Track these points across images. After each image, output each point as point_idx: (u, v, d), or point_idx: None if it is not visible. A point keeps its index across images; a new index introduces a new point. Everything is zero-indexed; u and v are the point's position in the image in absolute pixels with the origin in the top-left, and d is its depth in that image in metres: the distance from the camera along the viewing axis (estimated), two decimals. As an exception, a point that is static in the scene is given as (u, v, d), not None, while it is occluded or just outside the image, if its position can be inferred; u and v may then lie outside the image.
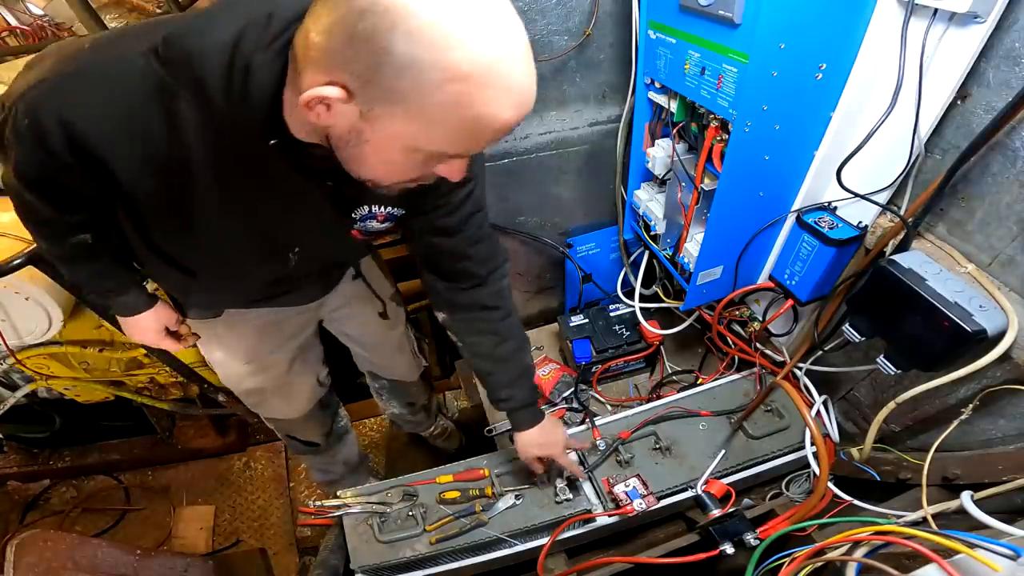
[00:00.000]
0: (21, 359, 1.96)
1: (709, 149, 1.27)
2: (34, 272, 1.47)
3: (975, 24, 0.92)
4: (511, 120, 0.59)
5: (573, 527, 1.41)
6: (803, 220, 1.30)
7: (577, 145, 1.83)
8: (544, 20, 1.53)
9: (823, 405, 1.53)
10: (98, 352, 2.01)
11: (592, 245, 2.11)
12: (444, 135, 0.59)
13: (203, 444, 2.71)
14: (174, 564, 1.63)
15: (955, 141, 1.07)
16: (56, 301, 1.77)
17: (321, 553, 1.46)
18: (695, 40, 1.20)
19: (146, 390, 2.24)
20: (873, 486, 1.38)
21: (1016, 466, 1.09)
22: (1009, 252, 1.03)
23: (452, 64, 0.52)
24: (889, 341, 1.14)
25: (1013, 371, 1.05)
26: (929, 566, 0.69)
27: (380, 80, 0.54)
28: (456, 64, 0.52)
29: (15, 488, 2.69)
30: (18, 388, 2.18)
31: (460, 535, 1.36)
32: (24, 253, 1.41)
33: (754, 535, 1.23)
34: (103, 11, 3.34)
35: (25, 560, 1.38)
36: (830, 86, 1.14)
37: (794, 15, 1.00)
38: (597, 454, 1.52)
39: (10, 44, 3.55)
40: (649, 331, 1.91)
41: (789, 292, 1.44)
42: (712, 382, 1.76)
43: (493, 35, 0.53)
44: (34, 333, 1.83)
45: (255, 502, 2.58)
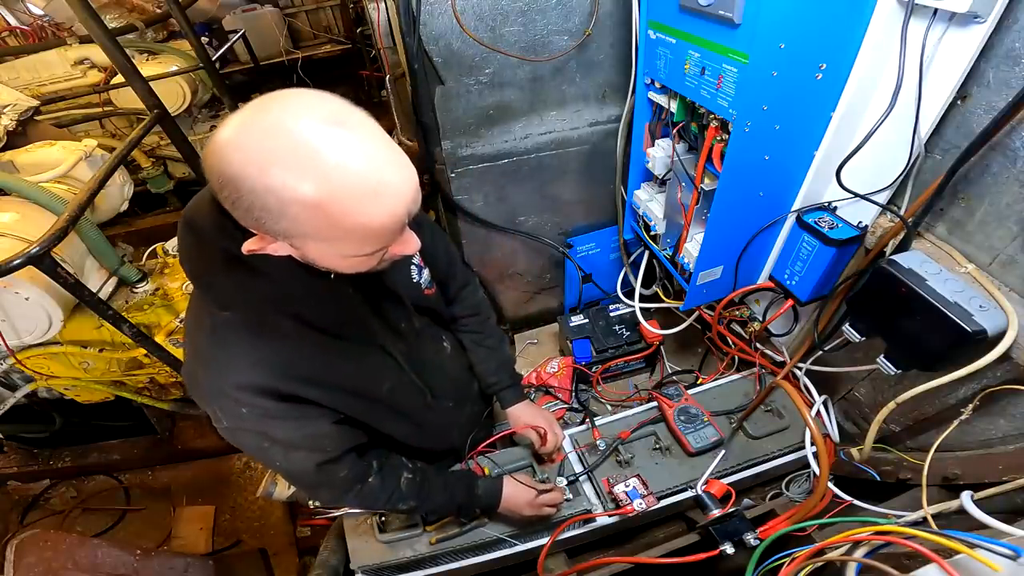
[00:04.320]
0: (21, 359, 1.96)
1: (709, 149, 1.27)
2: (34, 272, 1.47)
3: (975, 24, 0.92)
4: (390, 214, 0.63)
5: (573, 527, 1.41)
6: (803, 220, 1.30)
7: (577, 145, 1.83)
8: (544, 20, 1.53)
9: (823, 405, 1.53)
10: (98, 352, 2.01)
11: (592, 245, 2.11)
12: (351, 245, 0.66)
13: (203, 444, 2.71)
14: (174, 564, 1.63)
15: (955, 141, 1.07)
16: (56, 301, 1.77)
17: (321, 553, 1.46)
18: (695, 40, 1.20)
19: (146, 390, 2.24)
20: (873, 486, 1.38)
21: (1016, 466, 1.09)
22: (1009, 252, 1.03)
23: (308, 204, 0.58)
24: (889, 341, 1.14)
25: (1013, 371, 1.04)
26: (929, 566, 0.69)
27: (270, 226, 0.62)
28: (311, 203, 0.58)
29: (15, 488, 2.70)
30: (18, 388, 2.18)
31: (460, 535, 1.36)
32: (24, 253, 1.41)
33: (754, 535, 1.23)
34: (103, 11, 3.34)
35: (25, 560, 1.38)
36: (830, 86, 1.14)
37: (794, 15, 1.00)
38: (597, 454, 1.52)
39: (10, 44, 3.56)
40: (649, 331, 1.92)
41: (789, 292, 1.44)
42: (712, 382, 1.76)
43: (331, 161, 0.57)
44: (34, 333, 1.83)
45: (255, 502, 2.57)
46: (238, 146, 0.57)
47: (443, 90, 1.60)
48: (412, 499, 1.10)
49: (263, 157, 0.57)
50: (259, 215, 0.60)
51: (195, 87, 3.54)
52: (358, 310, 0.90)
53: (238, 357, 0.79)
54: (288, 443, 0.88)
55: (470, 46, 1.52)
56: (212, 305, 0.80)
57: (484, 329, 1.38)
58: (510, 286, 2.25)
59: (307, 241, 0.65)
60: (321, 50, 5.15)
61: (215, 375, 0.81)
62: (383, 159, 0.62)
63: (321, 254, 0.68)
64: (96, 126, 3.55)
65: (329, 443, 0.93)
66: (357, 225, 0.62)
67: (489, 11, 1.48)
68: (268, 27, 4.79)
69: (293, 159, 0.57)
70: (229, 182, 0.58)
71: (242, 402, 0.80)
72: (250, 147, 0.57)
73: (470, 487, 1.23)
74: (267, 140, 0.57)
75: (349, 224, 0.62)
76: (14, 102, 2.05)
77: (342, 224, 0.61)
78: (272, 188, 0.57)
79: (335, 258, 0.69)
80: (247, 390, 0.80)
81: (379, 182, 0.61)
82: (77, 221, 1.58)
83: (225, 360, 0.80)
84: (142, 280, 2.07)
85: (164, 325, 2.00)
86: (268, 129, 0.57)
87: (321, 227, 0.62)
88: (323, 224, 0.61)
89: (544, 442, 1.40)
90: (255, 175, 0.57)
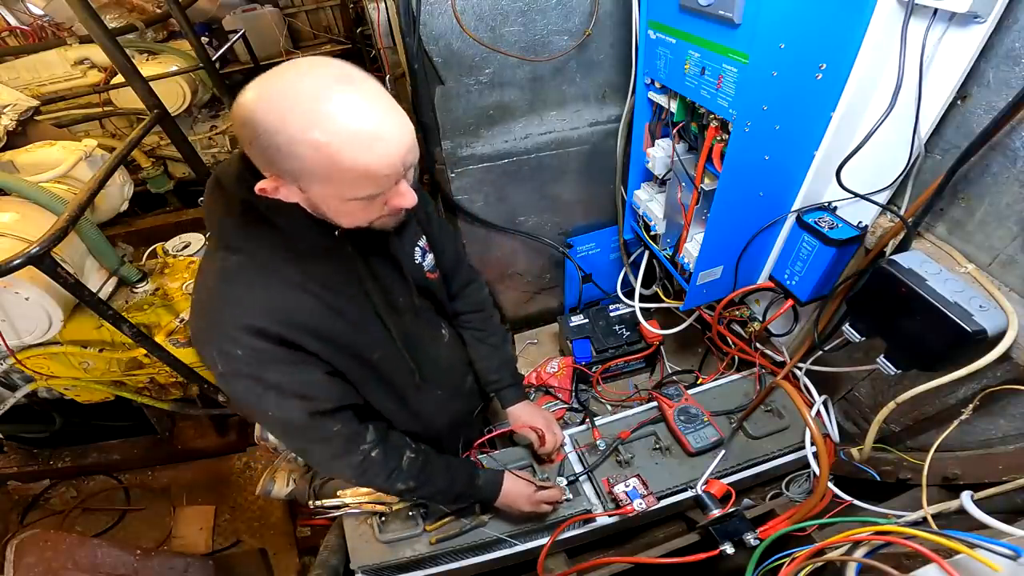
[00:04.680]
0: (21, 359, 1.96)
1: (709, 149, 1.27)
2: (34, 272, 1.47)
3: (975, 24, 0.92)
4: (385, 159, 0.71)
5: (573, 527, 1.41)
6: (803, 220, 1.30)
7: (577, 145, 1.83)
8: (544, 20, 1.53)
9: (823, 405, 1.53)
10: (98, 352, 2.01)
11: (592, 245, 2.11)
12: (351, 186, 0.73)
13: (203, 444, 2.71)
14: (174, 564, 1.64)
15: (955, 141, 1.07)
16: (56, 301, 1.77)
17: (321, 553, 1.46)
18: (695, 40, 1.20)
19: (146, 390, 2.24)
20: (873, 486, 1.38)
21: (1016, 466, 1.09)
22: (1009, 252, 1.03)
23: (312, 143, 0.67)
24: (889, 341, 1.14)
25: (1013, 371, 1.04)
26: (929, 566, 0.69)
27: (281, 165, 0.70)
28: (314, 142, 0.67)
29: (15, 488, 2.70)
30: (18, 388, 2.18)
31: (460, 535, 1.36)
32: (24, 253, 1.41)
33: (754, 535, 1.23)
34: (103, 11, 3.34)
35: (25, 560, 1.38)
36: (830, 86, 1.14)
37: (794, 15, 1.00)
38: (597, 454, 1.52)
39: (10, 44, 3.56)
40: (649, 331, 1.92)
41: (789, 292, 1.44)
42: (712, 382, 1.76)
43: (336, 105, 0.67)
44: (34, 333, 1.83)
45: (255, 502, 2.57)
46: (259, 94, 0.67)
47: (443, 90, 1.60)
48: (412, 479, 1.09)
49: (279, 104, 0.66)
50: (272, 155, 0.69)
51: (195, 87, 3.54)
52: (359, 272, 0.94)
53: (243, 297, 0.84)
54: (281, 389, 0.89)
55: (470, 46, 1.52)
56: (224, 250, 0.85)
57: (487, 327, 1.39)
58: (510, 286, 2.25)
59: (312, 183, 0.72)
60: (321, 50, 5.15)
61: (218, 314, 0.85)
62: (382, 111, 0.70)
63: (324, 196, 0.75)
64: (96, 126, 3.55)
65: (322, 392, 0.94)
66: (356, 166, 0.69)
67: (489, 11, 1.48)
68: (268, 27, 4.79)
69: (304, 106, 0.66)
70: (248, 124, 0.68)
71: (240, 342, 0.83)
72: (269, 95, 0.67)
73: (471, 476, 1.23)
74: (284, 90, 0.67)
75: (348, 165, 0.69)
76: (14, 102, 2.05)
77: (341, 165, 0.69)
78: (284, 130, 0.66)
79: (336, 201, 0.75)
80: (246, 330, 0.83)
81: (377, 128, 0.69)
82: (77, 221, 1.57)
83: (229, 299, 0.84)
84: (142, 280, 2.07)
85: (164, 325, 2.00)
86: (285, 82, 0.68)
87: (324, 168, 0.69)
88: (326, 164, 0.68)
89: (543, 442, 1.40)
90: (272, 119, 0.66)
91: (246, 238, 0.84)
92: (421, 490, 1.13)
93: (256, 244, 0.84)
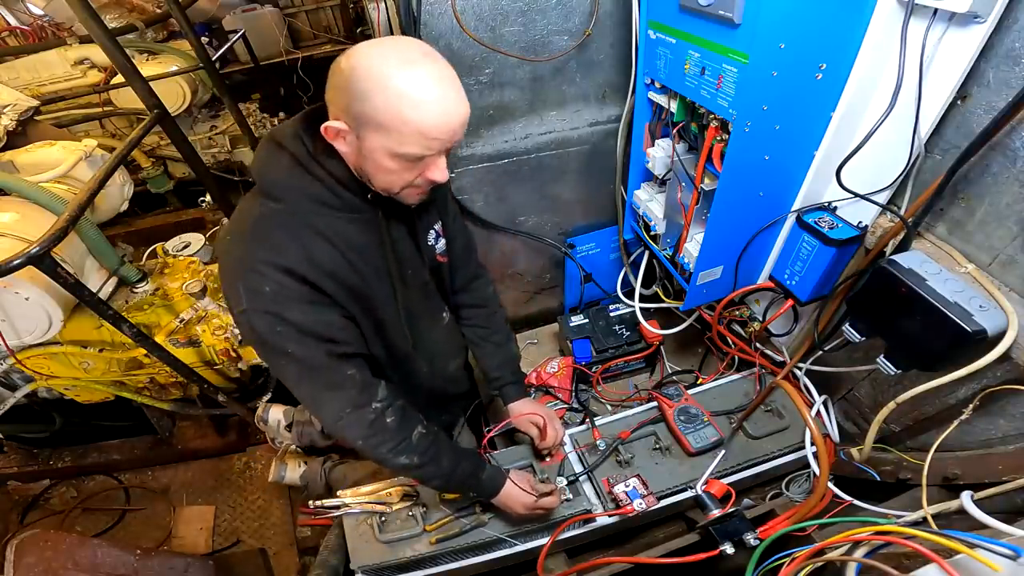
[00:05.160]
0: (21, 359, 1.96)
1: (709, 149, 1.27)
2: (34, 272, 1.47)
3: (975, 24, 0.92)
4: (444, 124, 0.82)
5: (573, 527, 1.41)
6: (803, 220, 1.30)
7: (577, 145, 1.83)
8: (544, 20, 1.53)
9: (823, 405, 1.53)
10: (98, 352, 2.01)
11: (592, 245, 2.11)
12: (402, 139, 0.82)
13: (203, 444, 2.71)
14: (174, 564, 1.63)
15: (955, 141, 1.07)
16: (56, 301, 1.77)
17: (321, 553, 1.46)
18: (695, 40, 1.20)
19: (146, 390, 2.24)
20: (873, 486, 1.38)
21: (1016, 466, 1.09)
22: (1009, 252, 1.03)
23: (389, 89, 0.78)
24: (889, 341, 1.14)
25: (1013, 371, 1.04)
26: (929, 566, 0.69)
27: (352, 109, 0.81)
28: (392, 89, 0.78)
29: (15, 488, 2.69)
30: (18, 388, 2.18)
31: (460, 535, 1.36)
32: (24, 253, 1.41)
33: (754, 535, 1.23)
34: (103, 11, 3.35)
35: (25, 560, 1.38)
36: (830, 86, 1.14)
37: (794, 15, 1.00)
38: (597, 454, 1.52)
39: (10, 44, 3.56)
40: (649, 331, 1.92)
41: (789, 292, 1.44)
42: (712, 382, 1.76)
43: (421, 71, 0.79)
44: (34, 333, 1.83)
45: (255, 502, 2.58)
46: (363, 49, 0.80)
47: (443, 90, 1.60)
48: (418, 455, 1.09)
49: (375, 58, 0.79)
50: (351, 97, 0.80)
51: (195, 87, 3.55)
52: (381, 236, 1.01)
53: (276, 239, 0.91)
54: (301, 326, 0.93)
55: (470, 46, 1.52)
56: (264, 197, 0.94)
57: (491, 324, 1.42)
58: (510, 286, 2.25)
59: (370, 131, 0.82)
60: (321, 50, 5.14)
61: (250, 250, 0.91)
62: (451, 85, 0.82)
63: (374, 148, 0.83)
64: (96, 126, 3.56)
65: (339, 334, 0.99)
66: (416, 119, 0.79)
67: (489, 11, 1.48)
68: (268, 27, 4.79)
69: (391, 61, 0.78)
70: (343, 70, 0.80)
71: (267, 277, 0.89)
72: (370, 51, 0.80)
73: (476, 467, 1.23)
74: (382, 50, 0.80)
75: (410, 117, 0.79)
76: (14, 102, 2.05)
77: (404, 115, 0.79)
78: (369, 77, 0.78)
79: (383, 154, 0.84)
80: (275, 267, 0.89)
81: (443, 96, 0.81)
82: (77, 221, 1.57)
83: (264, 238, 0.91)
84: (142, 280, 2.07)
85: (164, 325, 2.00)
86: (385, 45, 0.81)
87: (389, 115, 0.79)
88: (392, 112, 0.79)
89: (544, 436, 1.41)
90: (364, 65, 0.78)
91: (287, 189, 0.92)
92: (424, 468, 1.12)
93: (296, 196, 0.92)
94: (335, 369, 1.00)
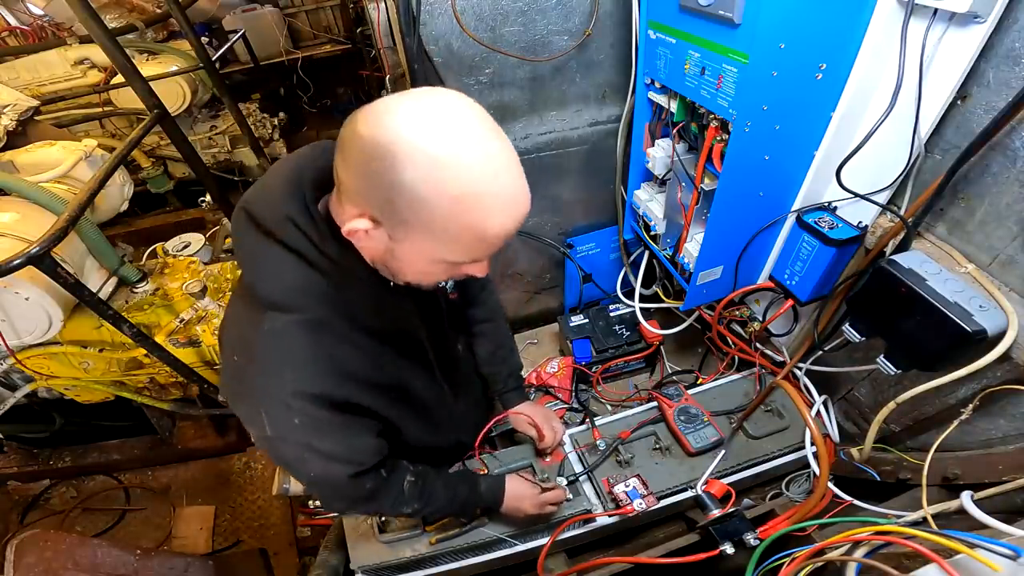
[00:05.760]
0: (21, 359, 1.96)
1: (709, 149, 1.27)
2: (34, 272, 1.47)
3: (975, 24, 0.92)
4: (508, 227, 0.67)
5: (573, 527, 1.41)
6: (803, 220, 1.30)
7: (577, 145, 1.83)
8: (544, 20, 1.53)
9: (823, 405, 1.53)
10: (98, 352, 2.01)
11: (592, 245, 2.11)
12: (456, 248, 0.68)
13: (203, 444, 2.71)
14: (174, 564, 1.63)
15: (955, 141, 1.07)
16: (56, 301, 1.77)
17: (321, 553, 1.46)
18: (695, 40, 1.20)
19: (146, 390, 2.24)
20: (873, 486, 1.38)
21: (1016, 466, 1.09)
22: (1009, 252, 1.03)
23: (449, 193, 0.62)
24: (889, 341, 1.14)
25: (1013, 371, 1.04)
26: (929, 566, 0.69)
27: (395, 211, 0.64)
28: (452, 193, 0.62)
29: (15, 488, 2.70)
30: (18, 388, 2.18)
31: (460, 535, 1.36)
32: (24, 253, 1.41)
33: (754, 535, 1.23)
34: (103, 11, 3.34)
35: (25, 560, 1.38)
36: (830, 86, 1.14)
37: (794, 15, 1.00)
38: (597, 454, 1.52)
39: (10, 44, 3.56)
40: (649, 331, 1.92)
41: (789, 292, 1.44)
42: (712, 382, 1.76)
43: (482, 161, 0.62)
44: (34, 333, 1.83)
45: (255, 502, 2.58)
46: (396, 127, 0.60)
47: (443, 90, 1.60)
48: (415, 502, 1.10)
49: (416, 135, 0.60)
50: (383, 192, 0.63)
51: (195, 87, 3.55)
52: (410, 318, 0.94)
53: (299, 359, 0.79)
54: (330, 455, 0.88)
55: (470, 46, 1.52)
56: (273, 309, 0.78)
57: (498, 337, 1.41)
58: (510, 286, 2.25)
59: (411, 233, 0.67)
60: (321, 50, 5.15)
61: (269, 381, 0.79)
62: (519, 172, 0.67)
63: (413, 251, 0.70)
64: (96, 126, 3.56)
65: (367, 456, 0.94)
66: (479, 226, 0.66)
67: (489, 11, 1.48)
68: (268, 27, 4.79)
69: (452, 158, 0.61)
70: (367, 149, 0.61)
71: (295, 410, 0.80)
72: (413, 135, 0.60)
73: (472, 485, 1.23)
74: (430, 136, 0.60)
75: (471, 223, 0.65)
76: (14, 102, 2.05)
77: (464, 221, 0.64)
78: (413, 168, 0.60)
79: (422, 259, 0.71)
80: (304, 397, 0.80)
81: (515, 192, 0.66)
82: (77, 221, 1.58)
83: (284, 361, 0.79)
84: (142, 280, 2.07)
85: (164, 325, 2.00)
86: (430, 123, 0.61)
87: (443, 220, 0.64)
88: (446, 217, 0.64)
89: (542, 437, 1.41)
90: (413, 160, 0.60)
91: (298, 297, 0.78)
92: (425, 509, 1.14)
93: (312, 302, 0.78)
94: (356, 483, 0.95)
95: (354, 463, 0.92)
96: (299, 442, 0.84)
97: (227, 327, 0.88)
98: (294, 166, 0.78)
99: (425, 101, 0.63)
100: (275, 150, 4.20)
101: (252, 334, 0.79)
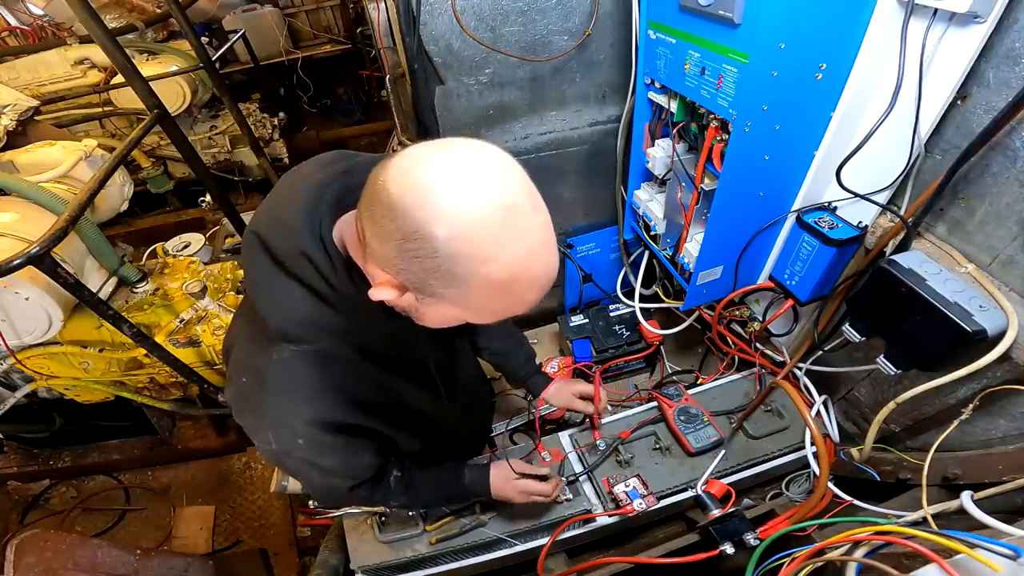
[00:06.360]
0: (21, 359, 1.96)
1: (709, 149, 1.27)
2: (34, 272, 1.47)
3: (975, 24, 0.92)
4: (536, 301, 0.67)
5: (573, 527, 1.41)
6: (803, 220, 1.30)
7: (577, 145, 1.83)
8: (544, 20, 1.53)
9: (823, 405, 1.53)
10: (98, 352, 2.01)
11: (592, 245, 2.10)
12: (485, 315, 0.68)
13: (203, 444, 2.71)
14: (174, 564, 1.64)
15: (955, 141, 1.07)
16: (56, 301, 1.77)
17: (321, 553, 1.46)
18: (695, 40, 1.20)
19: (146, 390, 2.24)
20: (873, 486, 1.38)
21: (1016, 466, 1.09)
22: (1009, 252, 1.03)
23: (492, 281, 0.60)
24: (889, 341, 1.14)
25: (1013, 371, 1.04)
26: (929, 566, 0.69)
27: (428, 288, 0.63)
28: (488, 274, 0.60)
29: (15, 488, 2.70)
30: (18, 388, 2.18)
31: (460, 535, 1.36)
32: (24, 253, 1.41)
33: (754, 535, 1.23)
34: (103, 11, 3.34)
35: (25, 560, 1.38)
36: (830, 86, 1.14)
37: (794, 15, 1.00)
38: (597, 454, 1.52)
39: (10, 44, 3.56)
40: (649, 331, 1.91)
41: (789, 292, 1.44)
42: (712, 382, 1.76)
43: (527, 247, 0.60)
44: (34, 333, 1.83)
45: (255, 502, 2.58)
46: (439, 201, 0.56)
47: (443, 90, 1.60)
48: (401, 496, 1.13)
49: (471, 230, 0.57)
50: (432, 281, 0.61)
51: (195, 87, 3.55)
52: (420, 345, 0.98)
53: (306, 388, 0.81)
54: (331, 471, 0.94)
55: (470, 46, 1.52)
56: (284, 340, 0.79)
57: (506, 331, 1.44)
58: (510, 286, 2.25)
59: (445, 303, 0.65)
60: (321, 50, 5.15)
61: (280, 409, 0.82)
62: (555, 254, 0.66)
63: (441, 313, 0.69)
64: (96, 126, 3.56)
65: (365, 471, 1.00)
66: (513, 305, 0.66)
67: (489, 11, 1.48)
68: (268, 27, 4.79)
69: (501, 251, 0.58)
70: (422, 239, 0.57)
71: (301, 434, 0.84)
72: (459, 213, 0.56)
73: (457, 477, 1.24)
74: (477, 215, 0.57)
75: (509, 304, 0.66)
76: (14, 102, 2.05)
77: (503, 304, 0.65)
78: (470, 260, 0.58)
79: (448, 319, 0.71)
80: (312, 424, 0.83)
81: (548, 270, 0.65)
82: (77, 221, 1.58)
83: (292, 390, 0.81)
84: (142, 280, 2.07)
85: (164, 325, 2.00)
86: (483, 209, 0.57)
87: (482, 300, 0.64)
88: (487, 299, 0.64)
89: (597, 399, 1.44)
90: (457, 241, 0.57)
91: (309, 330, 0.78)
92: (413, 503, 1.19)
93: (323, 334, 0.79)
94: (354, 493, 1.02)
95: (353, 477, 0.99)
96: (302, 459, 0.89)
97: (235, 345, 0.90)
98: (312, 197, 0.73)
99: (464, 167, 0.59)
100: (275, 150, 4.20)
101: (262, 362, 0.80)
